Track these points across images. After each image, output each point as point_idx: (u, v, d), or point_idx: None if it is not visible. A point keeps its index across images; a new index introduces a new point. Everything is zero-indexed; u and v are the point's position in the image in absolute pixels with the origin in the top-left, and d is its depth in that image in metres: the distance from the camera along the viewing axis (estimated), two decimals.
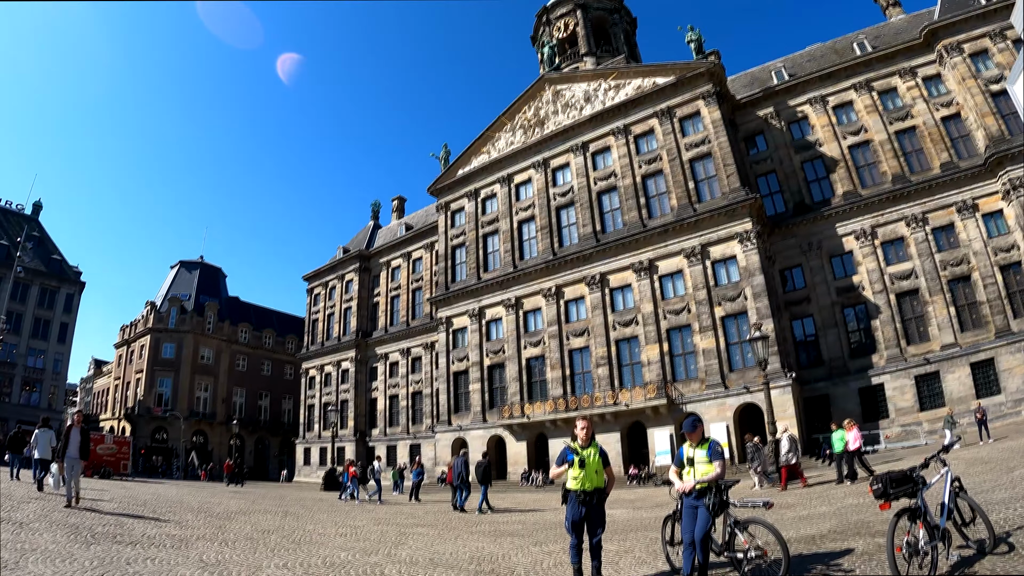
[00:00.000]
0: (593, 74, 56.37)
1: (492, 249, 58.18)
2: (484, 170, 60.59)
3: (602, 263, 49.39)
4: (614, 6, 65.89)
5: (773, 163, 50.23)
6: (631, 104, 52.02)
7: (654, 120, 50.69)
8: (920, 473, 7.97)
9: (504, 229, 57.06)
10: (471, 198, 60.98)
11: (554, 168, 55.93)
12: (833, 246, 45.53)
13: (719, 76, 49.58)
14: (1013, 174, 39.29)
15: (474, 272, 57.70)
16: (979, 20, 44.12)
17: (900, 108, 46.45)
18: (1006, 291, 39.00)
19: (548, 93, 58.45)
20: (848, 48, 51.63)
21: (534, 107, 59.20)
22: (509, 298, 53.94)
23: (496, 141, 61.13)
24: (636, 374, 46.13)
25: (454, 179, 62.84)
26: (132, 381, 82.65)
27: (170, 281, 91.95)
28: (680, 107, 49.77)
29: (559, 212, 54.41)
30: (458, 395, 56.00)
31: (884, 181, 45.17)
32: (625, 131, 51.91)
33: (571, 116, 55.95)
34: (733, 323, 42.94)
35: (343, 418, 69.11)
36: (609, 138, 52.92)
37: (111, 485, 33.02)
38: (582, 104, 55.61)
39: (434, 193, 64.67)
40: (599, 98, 54.68)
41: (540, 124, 58.08)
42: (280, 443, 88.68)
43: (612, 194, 51.70)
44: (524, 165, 57.76)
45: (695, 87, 49.19)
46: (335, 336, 75.14)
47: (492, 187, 59.83)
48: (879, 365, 41.39)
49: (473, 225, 59.76)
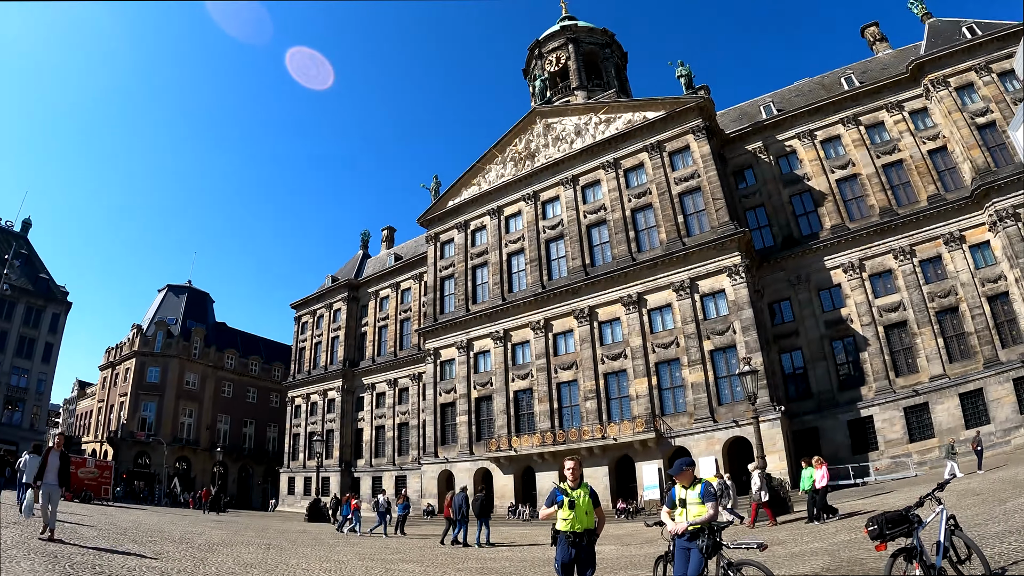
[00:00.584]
0: (584, 108, 56.90)
1: (481, 281, 58.12)
2: (474, 202, 60.79)
3: (591, 296, 49.37)
4: (605, 41, 66.75)
5: (762, 197, 50.69)
6: (621, 138, 52.51)
7: (644, 154, 51.12)
8: (915, 512, 7.94)
9: (493, 261, 57.07)
10: (461, 230, 61.03)
11: (544, 201, 56.18)
12: (821, 279, 45.82)
13: (708, 111, 50.12)
14: (999, 205, 39.92)
15: (463, 304, 57.53)
16: (965, 54, 45.12)
17: (887, 142, 47.19)
18: (993, 321, 39.40)
19: (539, 126, 58.88)
20: (836, 83, 52.52)
21: (525, 140, 59.58)
22: (497, 330, 53.78)
23: (487, 173, 61.39)
24: (624, 408, 45.90)
25: (444, 210, 62.96)
26: (116, 404, 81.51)
27: (157, 304, 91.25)
28: (670, 141, 50.24)
29: (548, 245, 54.50)
30: (445, 427, 55.48)
31: (872, 214, 45.71)
32: (615, 165, 52.29)
33: (561, 149, 56.33)
34: (722, 356, 42.89)
35: (328, 448, 68.33)
36: (599, 171, 53.27)
37: (92, 510, 32.49)
38: (573, 137, 56.03)
39: (424, 224, 64.72)
40: (590, 132, 55.17)
41: (531, 157, 58.43)
42: (264, 472, 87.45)
43: (602, 227, 51.89)
44: (514, 197, 57.99)
45: (685, 122, 49.72)
46: (322, 365, 74.60)
47: (482, 219, 59.96)
48: (868, 397, 41.47)
49: (462, 257, 59.71)
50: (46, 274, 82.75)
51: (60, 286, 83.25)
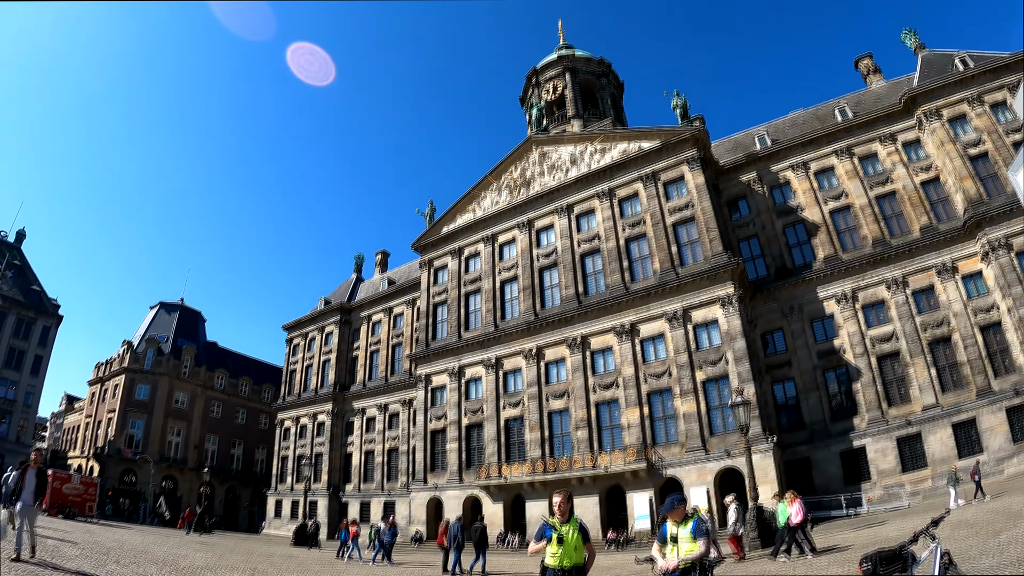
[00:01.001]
0: (580, 137, 57.22)
1: (474, 308, 57.99)
2: (469, 228, 60.86)
3: (584, 325, 49.30)
4: (602, 70, 67.30)
5: (755, 228, 50.92)
6: (616, 167, 52.79)
7: (639, 184, 51.37)
8: (910, 549, 7.89)
9: (486, 288, 56.97)
10: (455, 256, 61.04)
11: (538, 229, 56.29)
12: (814, 310, 45.88)
13: (703, 141, 50.47)
14: (992, 236, 40.15)
15: (455, 330, 57.37)
16: (957, 86, 45.63)
17: (880, 173, 47.60)
18: (986, 351, 39.46)
19: (535, 154, 59.21)
20: (830, 114, 53.06)
21: (520, 167, 59.85)
22: (489, 358, 53.55)
23: (482, 200, 61.57)
24: (616, 437, 45.60)
25: (438, 236, 63.00)
26: (104, 420, 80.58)
27: (148, 321, 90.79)
28: (665, 171, 50.52)
29: (542, 273, 54.52)
30: (435, 453, 54.99)
31: (865, 245, 45.94)
32: (610, 194, 52.52)
33: (557, 178, 56.60)
34: (714, 387, 42.74)
35: (317, 472, 67.65)
36: (594, 200, 53.46)
37: (75, 527, 32.07)
38: (568, 166, 56.31)
39: (418, 249, 64.66)
40: (585, 161, 55.46)
41: (526, 185, 58.66)
42: (251, 493, 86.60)
43: (595, 256, 51.96)
44: (508, 225, 58.07)
45: (680, 152, 50.04)
46: (312, 388, 74.14)
47: (476, 246, 59.99)
48: (861, 428, 41.30)
49: (456, 283, 59.65)
50: (38, 286, 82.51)
51: (52, 299, 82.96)
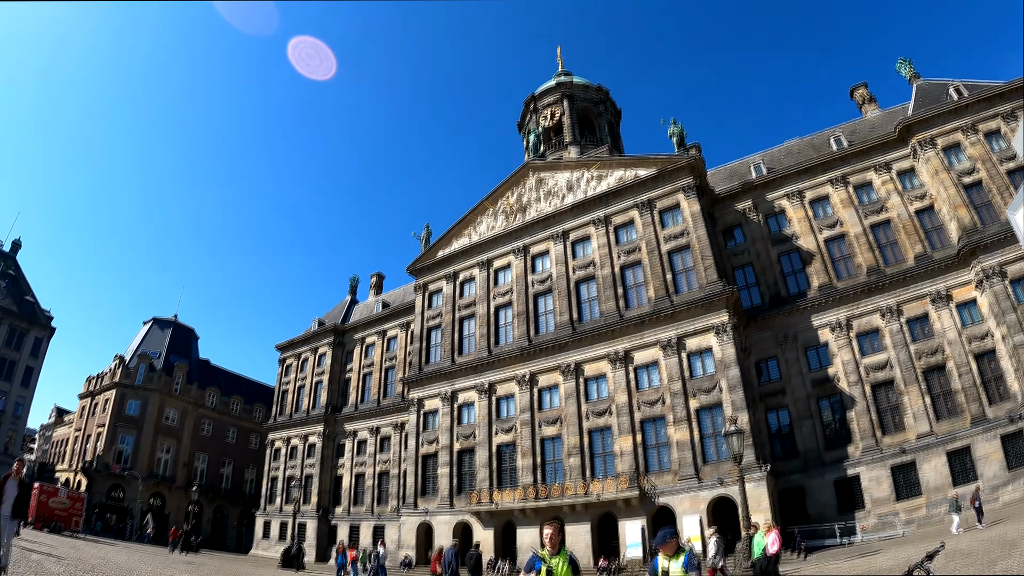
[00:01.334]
0: (576, 164, 57.32)
1: (468, 333, 57.84)
2: (464, 253, 60.86)
3: (577, 352, 49.15)
4: (599, 98, 67.55)
5: (750, 256, 51.09)
6: (612, 195, 52.91)
7: (634, 211, 51.47)
8: None
9: (481, 313, 56.91)
10: (450, 280, 61.01)
11: (534, 255, 56.30)
12: (808, 338, 45.89)
13: (699, 169, 50.61)
14: (986, 263, 40.35)
15: (448, 355, 57.17)
16: (952, 115, 46.03)
17: (875, 202, 47.89)
18: (981, 379, 39.48)
19: (531, 180, 59.33)
20: (825, 143, 53.38)
21: (517, 193, 59.97)
22: (482, 383, 53.31)
23: (478, 225, 61.61)
24: (608, 464, 45.34)
25: (434, 260, 62.98)
26: (93, 434, 79.98)
27: (141, 337, 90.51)
28: (660, 199, 50.64)
29: (537, 299, 54.43)
30: (426, 478, 54.62)
31: (859, 273, 46.10)
32: (606, 221, 52.62)
33: (553, 204, 56.70)
34: (708, 415, 42.56)
35: (306, 493, 67.22)
36: (589, 227, 53.55)
37: (61, 542, 31.79)
38: (564, 192, 56.43)
39: (413, 273, 64.63)
40: (581, 187, 55.58)
41: (522, 210, 58.74)
42: (240, 513, 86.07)
43: (590, 283, 51.95)
44: (504, 250, 58.10)
45: (676, 180, 50.18)
46: (304, 409, 73.72)
47: (471, 270, 59.98)
48: (855, 456, 41.21)
49: (450, 307, 59.56)
50: (32, 297, 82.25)
51: (45, 310, 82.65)
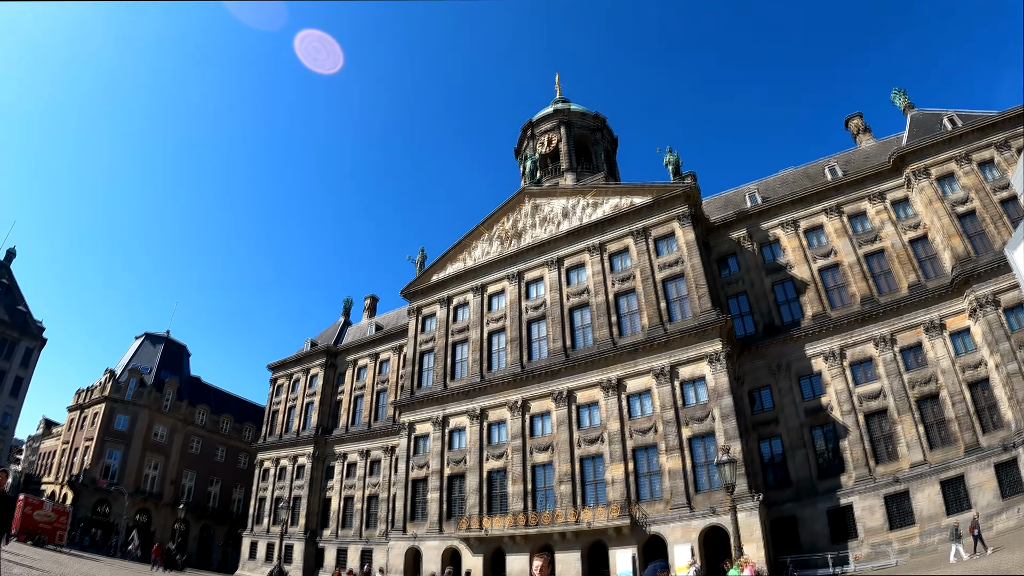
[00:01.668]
0: (572, 190, 57.57)
1: (460, 358, 57.65)
2: (458, 278, 60.87)
3: (570, 379, 49.02)
4: (597, 125, 67.97)
5: (744, 284, 51.13)
6: (608, 222, 53.04)
7: (629, 239, 51.58)
8: None
9: (474, 338, 56.79)
10: (443, 305, 60.92)
11: (528, 281, 56.33)
12: (802, 367, 45.86)
13: (695, 198, 50.77)
14: (979, 292, 40.52)
15: (441, 379, 56.95)
16: (945, 145, 46.47)
17: (869, 231, 48.17)
18: (974, 407, 39.53)
19: (527, 206, 59.50)
20: (820, 173, 53.71)
21: (512, 219, 60.09)
22: (474, 408, 53.04)
23: (473, 249, 61.68)
24: (600, 492, 45.06)
25: (428, 284, 62.95)
26: (81, 448, 79.30)
27: (133, 352, 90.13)
28: (656, 227, 50.80)
29: (530, 325, 54.39)
30: (415, 502, 54.09)
31: (853, 303, 46.22)
32: (600, 248, 52.71)
33: (548, 230, 56.80)
34: (700, 444, 42.42)
35: (294, 515, 66.52)
36: (584, 254, 53.63)
37: (44, 556, 31.38)
38: (560, 219, 56.54)
39: (407, 296, 64.57)
40: (577, 214, 55.71)
41: (517, 236, 58.82)
42: (227, 533, 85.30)
43: (584, 310, 51.91)
44: (498, 276, 58.13)
45: (671, 208, 50.33)
46: (294, 430, 73.22)
47: (465, 295, 59.95)
48: (848, 485, 41.04)
49: (443, 332, 59.44)
50: (24, 307, 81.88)
51: (37, 321, 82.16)
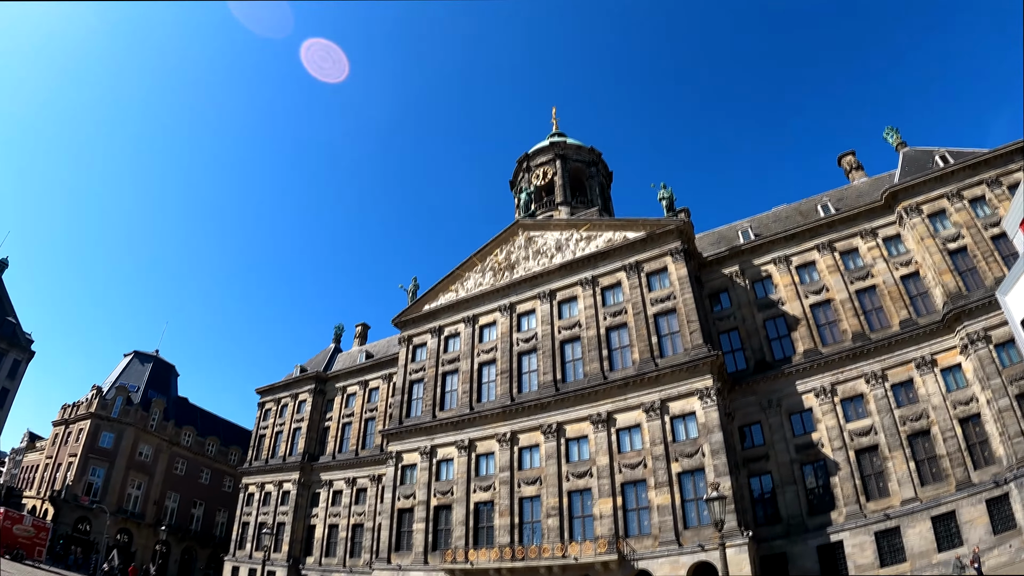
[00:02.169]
0: (566, 224, 57.87)
1: (450, 388, 57.41)
2: (450, 308, 60.87)
3: (560, 412, 48.80)
4: (592, 159, 68.50)
5: (736, 320, 51.25)
6: (601, 256, 53.21)
7: (622, 273, 51.71)
8: None
9: (464, 369, 56.62)
10: (435, 335, 60.82)
11: (520, 313, 56.36)
12: (793, 403, 45.84)
13: (688, 234, 51.01)
14: (971, 329, 40.74)
15: (430, 409, 56.62)
16: (937, 182, 47.00)
17: (861, 268, 48.52)
18: (966, 443, 39.56)
19: (521, 238, 59.66)
20: (812, 209, 54.10)
21: (506, 250, 60.22)
22: (463, 439, 52.70)
23: (465, 280, 61.75)
24: (587, 527, 44.65)
25: (420, 314, 62.92)
26: (64, 463, 78.58)
27: (121, 369, 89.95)
28: (648, 262, 51.01)
29: (521, 358, 54.27)
30: (401, 533, 53.47)
31: (844, 339, 46.36)
32: (593, 282, 52.82)
33: (541, 263, 56.93)
34: (690, 479, 42.12)
35: (278, 541, 65.77)
36: (577, 288, 53.75)
37: (21, 570, 30.94)
38: (553, 252, 56.70)
39: (398, 325, 64.45)
40: (570, 248, 55.90)
41: (510, 268, 58.90)
42: (209, 557, 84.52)
43: (575, 344, 51.85)
44: (490, 307, 58.14)
45: (664, 243, 50.54)
46: (280, 455, 72.59)
47: (456, 326, 59.90)
48: (838, 522, 40.80)
49: (434, 362, 59.26)
50: (13, 317, 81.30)
51: (26, 333, 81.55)
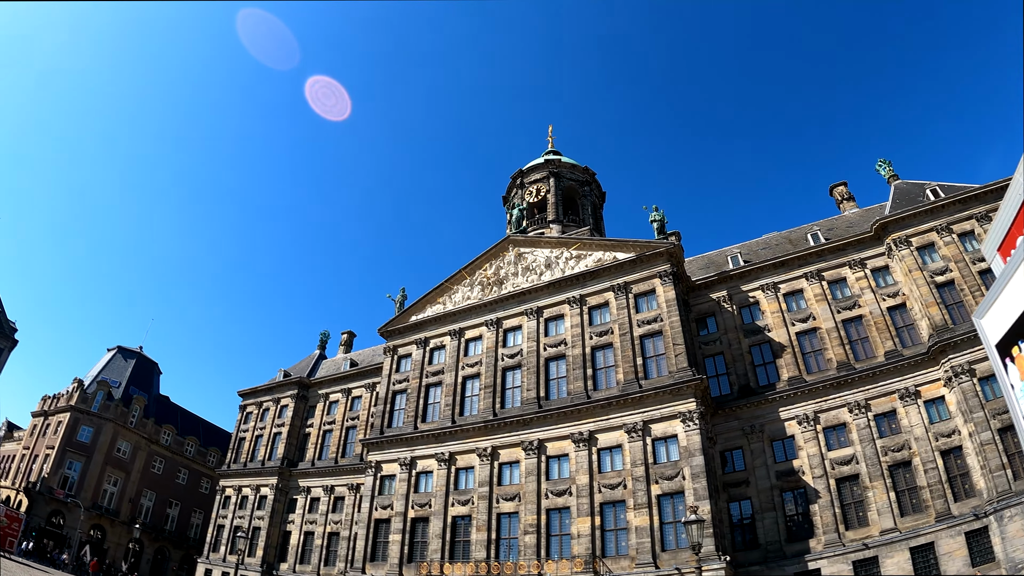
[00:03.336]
0: (557, 242, 57.97)
1: (433, 400, 57.31)
2: (437, 320, 60.88)
3: (542, 430, 48.76)
4: (586, 179, 68.81)
5: (722, 345, 51.47)
6: (590, 275, 53.40)
7: (610, 294, 51.88)
8: None
9: (448, 382, 56.55)
10: (420, 346, 60.77)
11: (506, 329, 56.42)
12: (775, 430, 46.05)
13: (677, 257, 51.30)
14: (955, 362, 41.06)
15: (411, 420, 56.44)
16: (927, 215, 47.50)
17: (848, 298, 48.90)
18: (947, 475, 39.83)
19: (511, 254, 59.74)
20: (802, 238, 54.53)
21: (495, 265, 60.32)
22: (443, 452, 52.52)
23: (453, 293, 61.79)
24: (565, 546, 44.49)
25: (406, 324, 62.85)
26: (41, 455, 77.77)
27: (103, 364, 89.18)
28: (637, 283, 51.20)
29: (505, 373, 54.28)
30: (376, 543, 53.07)
31: (829, 368, 46.66)
32: (580, 301, 52.97)
33: (530, 280, 57.05)
34: (669, 502, 42.10)
35: (252, 546, 65.25)
36: (564, 306, 53.87)
37: None
38: (543, 269, 56.87)
39: (384, 335, 64.31)
40: (560, 266, 56.07)
41: (499, 283, 59.00)
42: (182, 558, 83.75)
43: (560, 362, 51.95)
44: (477, 321, 58.18)
45: (653, 265, 50.77)
46: (260, 459, 72.02)
47: (442, 338, 59.89)
48: (816, 550, 40.94)
49: (418, 373, 59.18)
50: None
51: (10, 321, 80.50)
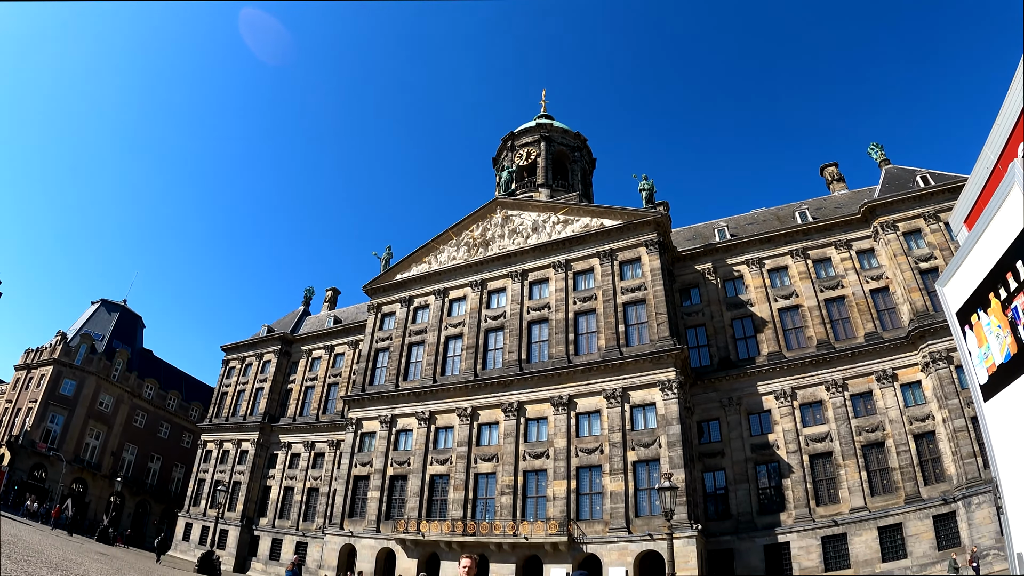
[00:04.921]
0: (545, 205, 57.91)
1: (415, 359, 57.47)
2: (422, 279, 60.79)
3: (522, 392, 49.14)
4: (577, 144, 68.50)
5: (704, 317, 51.83)
6: (576, 241, 53.46)
7: (595, 260, 51.99)
8: None
9: (431, 342, 56.65)
10: (404, 305, 60.72)
11: (491, 290, 56.46)
12: (752, 403, 46.64)
13: (664, 227, 51.38)
14: (934, 348, 41.59)
15: (393, 379, 56.65)
16: (916, 201, 47.73)
17: (832, 277, 49.31)
18: (918, 459, 40.52)
19: (498, 216, 59.57)
20: (790, 216, 54.65)
21: (482, 227, 60.16)
22: (423, 411, 52.80)
23: (439, 253, 61.66)
24: (540, 507, 45.13)
25: (391, 283, 62.73)
26: (24, 408, 77.31)
27: (87, 317, 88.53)
28: (623, 251, 51.31)
29: (488, 334, 54.42)
30: (355, 499, 53.59)
31: (809, 345, 47.18)
32: (566, 266, 53.05)
33: (516, 242, 57.04)
34: (644, 469, 42.70)
35: (232, 500, 65.67)
36: (549, 270, 53.96)
37: None
38: (529, 232, 56.81)
39: (369, 293, 64.18)
40: (546, 230, 56.04)
41: (485, 245, 58.95)
42: (163, 511, 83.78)
43: (543, 325, 52.17)
44: (461, 282, 58.17)
45: (640, 234, 50.86)
46: (241, 414, 72.25)
47: (427, 298, 59.83)
48: (787, 523, 41.71)
49: (401, 332, 59.23)
50: None
51: None
